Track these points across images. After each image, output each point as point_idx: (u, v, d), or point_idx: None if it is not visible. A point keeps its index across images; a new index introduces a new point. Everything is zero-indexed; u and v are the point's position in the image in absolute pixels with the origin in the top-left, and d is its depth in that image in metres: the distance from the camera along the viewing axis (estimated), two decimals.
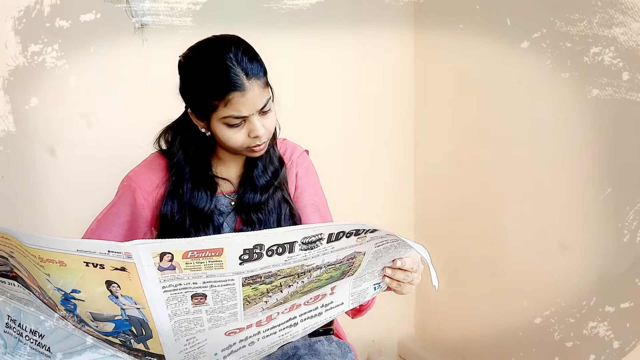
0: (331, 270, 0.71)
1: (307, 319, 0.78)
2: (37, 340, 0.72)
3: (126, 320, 0.66)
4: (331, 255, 0.68)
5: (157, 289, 0.62)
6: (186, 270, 0.61)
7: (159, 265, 0.60)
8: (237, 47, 0.86)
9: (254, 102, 0.86)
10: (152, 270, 0.60)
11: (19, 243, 0.63)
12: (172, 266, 0.61)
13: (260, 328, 0.74)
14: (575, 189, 1.30)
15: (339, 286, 0.77)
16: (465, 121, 1.63)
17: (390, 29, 1.74)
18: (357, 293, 0.81)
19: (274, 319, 0.74)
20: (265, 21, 1.49)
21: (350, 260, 0.72)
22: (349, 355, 0.98)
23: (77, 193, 1.31)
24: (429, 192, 1.84)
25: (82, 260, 0.60)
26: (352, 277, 0.77)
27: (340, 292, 0.78)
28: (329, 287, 0.76)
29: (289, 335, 0.78)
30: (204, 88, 0.87)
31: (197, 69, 0.88)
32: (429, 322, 1.92)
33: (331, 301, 0.78)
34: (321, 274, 0.70)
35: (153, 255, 0.59)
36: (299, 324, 0.78)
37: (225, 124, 0.88)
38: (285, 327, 0.77)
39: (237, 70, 0.84)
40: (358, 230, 0.66)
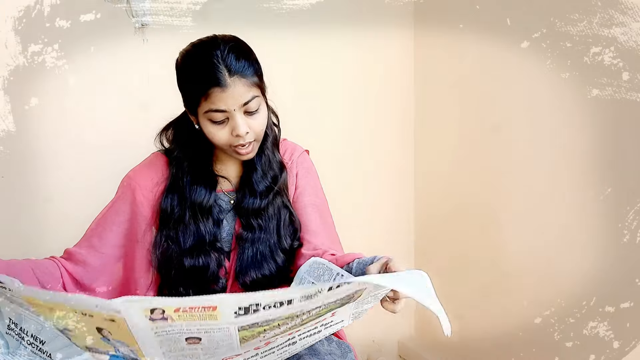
0: (332, 305, 0.68)
1: (306, 337, 0.77)
2: (38, 346, 0.72)
3: (119, 357, 0.66)
4: (331, 299, 0.66)
5: (149, 334, 0.61)
6: (179, 321, 0.60)
7: (150, 317, 0.58)
8: (226, 45, 0.88)
9: (235, 98, 0.87)
10: (144, 321, 0.59)
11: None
12: (163, 318, 0.59)
13: (259, 351, 0.73)
14: (575, 189, 1.30)
15: (339, 311, 0.75)
16: (465, 121, 1.63)
17: (390, 29, 1.74)
18: (358, 313, 0.80)
19: (272, 342, 0.73)
20: (265, 21, 1.49)
21: (352, 296, 0.70)
22: (349, 355, 0.98)
23: (77, 193, 1.31)
24: (429, 192, 1.84)
25: (71, 310, 0.60)
26: (354, 303, 0.75)
27: (341, 314, 0.77)
28: (330, 313, 0.74)
29: (287, 353, 0.77)
30: (191, 83, 0.90)
31: (187, 64, 0.91)
32: (429, 322, 1.92)
33: (331, 321, 0.77)
34: (321, 311, 0.68)
35: (144, 310, 0.57)
36: (297, 342, 0.77)
37: (209, 120, 0.90)
38: (284, 346, 0.76)
39: (220, 66, 0.86)
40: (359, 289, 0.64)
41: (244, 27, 1.48)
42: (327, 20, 1.60)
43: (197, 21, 1.36)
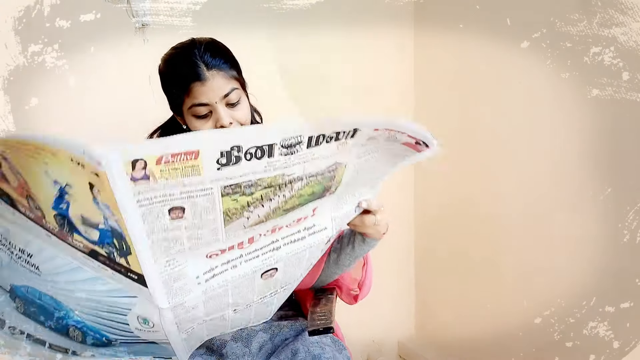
0: (313, 183, 0.68)
1: (290, 243, 0.76)
2: (27, 259, 0.72)
3: (108, 231, 0.63)
4: (312, 163, 0.65)
5: (131, 203, 0.58)
6: (161, 180, 0.58)
7: (131, 175, 0.56)
8: (202, 44, 0.93)
9: (215, 91, 0.91)
10: (124, 181, 0.56)
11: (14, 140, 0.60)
12: (145, 175, 0.57)
13: (242, 251, 0.72)
14: (575, 189, 1.30)
15: (320, 207, 0.74)
16: (465, 121, 1.63)
17: (390, 29, 1.74)
18: (339, 217, 0.79)
19: (256, 241, 0.72)
20: (266, 21, 1.49)
21: (332, 172, 0.69)
22: (344, 352, 0.98)
23: None
24: (429, 192, 1.84)
25: (67, 155, 0.57)
26: (334, 197, 0.75)
27: (322, 215, 0.76)
28: (311, 208, 0.73)
29: (272, 260, 0.76)
30: (173, 83, 0.94)
31: (168, 67, 0.96)
32: (429, 322, 1.92)
33: (313, 224, 0.76)
34: (303, 187, 0.67)
35: (124, 164, 0.55)
36: (281, 248, 0.76)
37: (194, 116, 0.94)
38: (267, 250, 0.75)
39: (198, 62, 0.91)
40: (338, 133, 0.63)
41: (243, 27, 1.48)
42: (327, 20, 1.60)
43: (197, 21, 1.36)
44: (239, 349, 0.96)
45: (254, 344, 0.97)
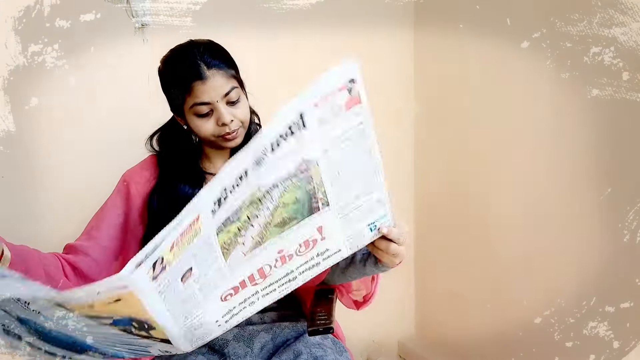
0: (291, 187, 0.67)
1: (306, 271, 0.76)
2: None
3: (126, 318, 0.64)
4: (279, 166, 0.65)
5: (158, 301, 0.61)
6: (175, 260, 0.60)
7: (152, 276, 0.58)
8: (201, 45, 0.95)
9: (216, 90, 0.93)
10: (148, 285, 0.58)
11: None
12: (163, 268, 0.59)
13: (257, 287, 0.73)
14: (575, 189, 1.30)
15: (326, 227, 0.72)
16: (465, 121, 1.63)
17: (390, 29, 1.74)
18: (352, 237, 0.77)
19: (268, 275, 0.72)
20: (265, 21, 1.49)
21: (304, 172, 0.67)
22: (345, 354, 0.98)
23: (77, 193, 1.31)
24: (429, 193, 1.84)
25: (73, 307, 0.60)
26: (335, 212, 0.72)
27: (333, 237, 0.74)
28: (314, 227, 0.71)
29: (290, 290, 0.76)
30: (174, 83, 0.96)
31: (169, 68, 0.97)
32: (429, 322, 1.92)
33: (326, 249, 0.75)
34: (282, 194, 0.67)
35: (147, 271, 0.57)
36: (297, 278, 0.75)
37: (195, 114, 0.95)
38: (284, 282, 0.75)
39: (198, 62, 0.93)
40: (291, 127, 0.64)
41: (243, 27, 1.48)
42: (326, 20, 1.60)
43: (197, 21, 1.36)
44: (240, 349, 0.96)
45: (256, 344, 0.97)
